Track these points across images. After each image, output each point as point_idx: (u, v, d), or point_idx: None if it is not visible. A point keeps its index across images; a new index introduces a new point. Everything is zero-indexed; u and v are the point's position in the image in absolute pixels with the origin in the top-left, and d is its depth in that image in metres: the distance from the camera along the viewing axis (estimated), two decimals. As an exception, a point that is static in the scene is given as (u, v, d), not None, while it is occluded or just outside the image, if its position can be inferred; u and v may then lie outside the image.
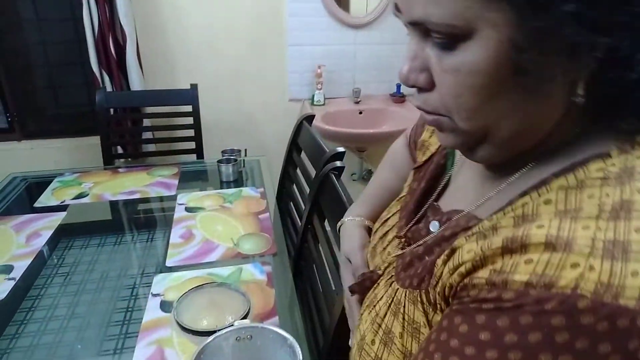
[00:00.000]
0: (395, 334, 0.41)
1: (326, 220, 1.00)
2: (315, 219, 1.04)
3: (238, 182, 1.48)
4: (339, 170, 1.00)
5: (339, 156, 1.05)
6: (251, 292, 0.88)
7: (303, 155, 1.34)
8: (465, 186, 0.45)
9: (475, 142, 0.37)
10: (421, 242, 0.44)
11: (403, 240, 0.48)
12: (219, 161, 1.48)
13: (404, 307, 0.41)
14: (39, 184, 1.47)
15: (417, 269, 0.42)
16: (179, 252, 1.07)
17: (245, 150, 1.58)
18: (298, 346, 0.56)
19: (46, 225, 1.20)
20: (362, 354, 0.43)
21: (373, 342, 0.42)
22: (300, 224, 1.16)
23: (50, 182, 1.47)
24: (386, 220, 0.54)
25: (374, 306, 0.46)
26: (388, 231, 0.52)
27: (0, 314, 0.90)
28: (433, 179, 0.50)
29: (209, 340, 0.58)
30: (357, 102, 2.11)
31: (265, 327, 0.60)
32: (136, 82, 1.85)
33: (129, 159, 2.00)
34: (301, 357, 0.54)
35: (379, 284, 0.48)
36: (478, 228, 0.36)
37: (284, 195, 1.42)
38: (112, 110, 1.85)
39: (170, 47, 1.98)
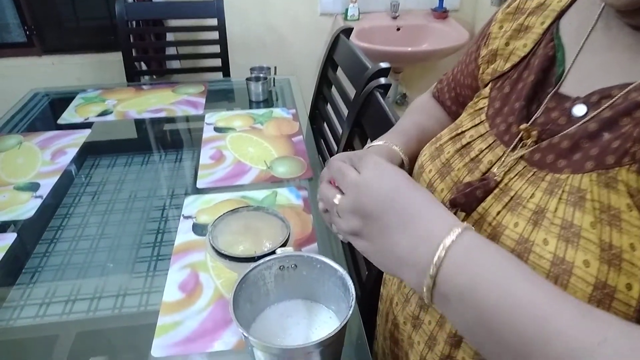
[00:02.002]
0: (583, 227, 0.34)
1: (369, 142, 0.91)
2: (357, 141, 0.96)
3: (268, 102, 1.39)
4: (385, 88, 0.90)
5: (384, 72, 0.94)
6: (287, 217, 0.82)
7: (339, 72, 1.23)
8: (607, 63, 0.40)
9: None
10: (569, 129, 0.39)
11: (534, 134, 0.41)
12: (248, 79, 1.38)
13: (592, 193, 0.35)
14: (61, 101, 1.40)
15: (598, 147, 0.36)
16: (209, 174, 1.01)
17: (275, 67, 1.47)
18: (350, 280, 0.50)
19: (71, 143, 1.15)
20: (529, 257, 0.36)
21: (545, 241, 0.36)
22: (336, 147, 1.08)
23: (73, 98, 1.41)
24: (458, 136, 0.49)
25: (523, 206, 0.39)
26: (471, 142, 0.47)
27: (29, 233, 0.87)
28: (541, 71, 0.44)
29: (250, 269, 0.53)
30: (395, 18, 1.94)
31: (312, 256, 0.54)
32: (157, -8, 1.72)
33: (153, 76, 1.92)
34: (354, 292, 0.49)
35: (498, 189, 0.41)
36: None
37: (317, 117, 1.33)
38: (133, 23, 1.74)
39: (193, -47, 1.81)
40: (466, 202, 0.43)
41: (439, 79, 0.68)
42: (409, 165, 0.57)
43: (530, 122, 0.42)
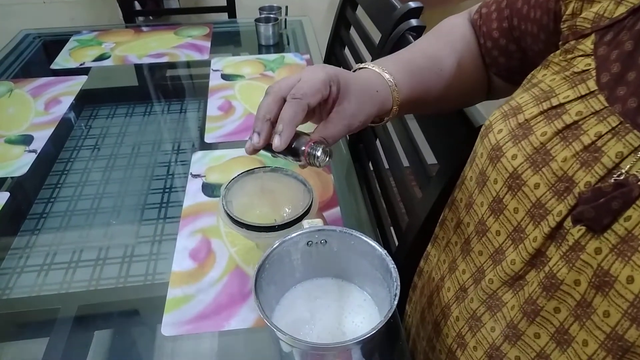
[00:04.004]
0: None
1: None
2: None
3: (279, 46, 1.27)
4: (418, 31, 0.79)
5: (415, 12, 0.82)
6: (306, 178, 0.74)
7: (360, 12, 1.11)
8: None
9: None
10: None
11: None
12: (257, 20, 1.25)
13: None
14: (54, 43, 1.29)
15: None
16: (218, 127, 0.92)
17: (286, 7, 1.34)
18: (392, 261, 0.43)
19: (66, 91, 1.06)
20: None
21: None
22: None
23: (67, 41, 1.29)
24: (553, 109, 0.36)
25: None
26: (579, 122, 0.34)
27: (23, 191, 0.80)
28: None
29: (274, 247, 0.45)
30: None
31: (345, 231, 0.46)
32: None
33: (151, 17, 1.78)
34: (398, 277, 0.41)
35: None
36: None
37: (333, 63, 1.22)
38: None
39: None
40: (596, 217, 0.31)
41: (483, 2, 0.54)
42: (397, 112, 0.49)
43: None
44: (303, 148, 0.44)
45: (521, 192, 0.37)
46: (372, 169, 0.95)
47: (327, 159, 0.45)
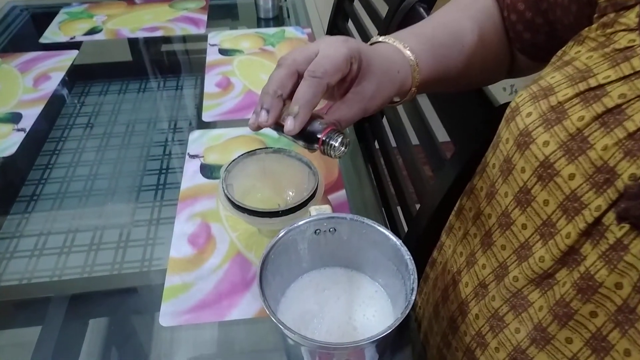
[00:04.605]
0: None
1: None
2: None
3: (278, 19, 1.22)
4: (429, 3, 0.74)
5: (426, -18, 0.77)
6: (310, 159, 0.70)
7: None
8: None
9: None
10: None
11: None
12: (256, -9, 1.19)
13: None
14: (42, 16, 1.23)
15: None
16: (216, 105, 0.88)
17: (287, -22, 1.28)
18: (408, 252, 0.39)
19: (56, 66, 1.01)
20: None
21: None
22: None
23: (56, 13, 1.23)
24: (591, 91, 0.32)
25: None
26: (622, 106, 0.30)
27: (11, 172, 0.76)
28: None
29: (281, 235, 0.42)
30: None
31: (356, 219, 0.43)
32: None
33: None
34: (414, 268, 0.38)
35: None
36: None
37: (336, 38, 1.17)
38: None
39: None
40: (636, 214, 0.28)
41: None
42: (414, 94, 0.44)
43: None
44: (319, 136, 0.40)
45: (553, 182, 0.33)
46: (377, 147, 0.91)
47: (345, 149, 0.40)
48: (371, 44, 0.46)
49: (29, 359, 0.51)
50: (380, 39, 0.46)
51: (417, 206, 0.67)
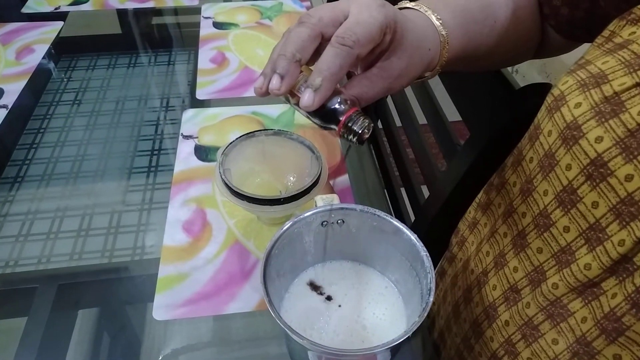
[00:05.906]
0: None
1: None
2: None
3: (276, -8, 1.16)
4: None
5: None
6: (311, 142, 0.67)
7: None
8: None
9: None
10: None
11: None
12: (252, -38, 1.13)
13: None
14: (25, -16, 1.16)
15: None
16: (211, 82, 0.83)
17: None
18: (423, 246, 0.36)
19: (40, 38, 0.95)
20: None
21: None
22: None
23: (40, -19, 1.16)
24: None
25: None
26: None
27: (-7, 152, 0.72)
28: None
29: (285, 228, 0.39)
30: None
31: (367, 210, 0.40)
32: None
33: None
34: (431, 266, 0.35)
35: None
36: None
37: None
38: None
39: None
40: None
41: None
42: (437, 72, 0.40)
43: None
44: (341, 118, 0.34)
45: (605, 183, 0.29)
46: (381, 126, 0.87)
47: (367, 136, 0.35)
48: (400, 9, 0.40)
49: (13, 353, 0.48)
50: (410, 4, 0.40)
51: (423, 188, 0.63)
